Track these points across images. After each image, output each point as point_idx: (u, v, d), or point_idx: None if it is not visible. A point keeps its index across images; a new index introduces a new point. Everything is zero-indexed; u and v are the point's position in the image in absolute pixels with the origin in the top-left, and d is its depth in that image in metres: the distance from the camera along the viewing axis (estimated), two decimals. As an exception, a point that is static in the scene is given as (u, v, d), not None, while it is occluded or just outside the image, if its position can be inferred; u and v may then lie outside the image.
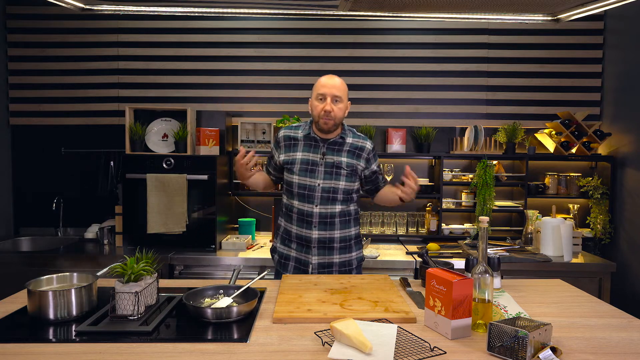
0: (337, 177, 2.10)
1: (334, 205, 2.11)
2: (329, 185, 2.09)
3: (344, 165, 2.11)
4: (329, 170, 2.10)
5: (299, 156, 2.13)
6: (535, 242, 3.02)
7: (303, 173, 2.11)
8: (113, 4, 2.38)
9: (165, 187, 2.90)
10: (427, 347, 1.29)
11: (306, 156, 2.12)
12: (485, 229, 1.47)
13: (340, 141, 2.14)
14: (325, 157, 2.11)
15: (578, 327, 1.49)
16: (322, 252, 2.13)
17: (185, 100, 3.45)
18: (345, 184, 2.11)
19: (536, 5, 2.25)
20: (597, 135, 3.22)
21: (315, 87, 2.10)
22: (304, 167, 2.11)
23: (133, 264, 1.54)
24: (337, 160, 2.11)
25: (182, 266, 2.84)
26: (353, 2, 2.21)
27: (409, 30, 3.43)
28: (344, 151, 2.13)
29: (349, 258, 2.18)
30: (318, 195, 2.09)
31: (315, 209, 2.09)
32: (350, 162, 2.13)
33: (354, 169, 2.13)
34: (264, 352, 1.29)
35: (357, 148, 2.16)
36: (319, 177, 2.09)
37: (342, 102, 2.08)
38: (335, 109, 2.05)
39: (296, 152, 2.14)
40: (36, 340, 1.36)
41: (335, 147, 2.13)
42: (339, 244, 2.15)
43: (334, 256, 2.14)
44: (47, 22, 3.42)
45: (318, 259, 2.12)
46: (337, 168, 2.10)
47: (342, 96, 2.08)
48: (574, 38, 3.41)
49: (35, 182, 3.48)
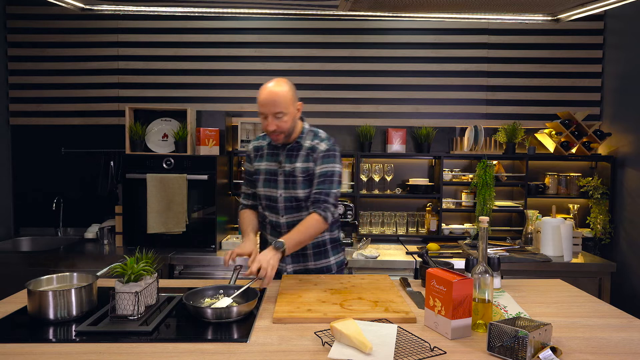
0: (294, 185, 1.99)
1: (300, 213, 2.01)
2: (289, 195, 2.00)
3: (298, 172, 1.98)
4: (287, 179, 2.00)
5: (263, 166, 2.06)
6: (535, 242, 3.02)
7: (266, 184, 2.04)
8: (113, 4, 2.38)
9: (165, 187, 2.90)
10: (427, 347, 1.29)
11: (268, 166, 2.04)
12: (485, 229, 1.47)
13: (296, 146, 2.02)
14: (283, 166, 2.01)
15: (578, 327, 1.49)
16: (295, 259, 2.07)
17: (185, 100, 3.45)
18: (304, 191, 1.99)
19: (536, 5, 2.25)
20: (597, 135, 3.22)
21: (258, 103, 1.93)
22: (267, 177, 2.04)
23: (133, 264, 1.54)
24: (292, 168, 1.99)
25: (182, 266, 2.84)
26: (353, 2, 2.21)
27: (409, 30, 3.43)
28: (300, 156, 2.01)
29: (327, 264, 2.10)
30: (282, 205, 2.01)
31: (282, 219, 2.03)
32: (305, 166, 1.99)
33: (309, 173, 1.99)
34: (264, 352, 1.29)
35: (311, 149, 2.01)
36: (280, 187, 2.01)
37: (286, 114, 1.90)
38: (280, 124, 1.91)
39: (261, 162, 2.07)
40: (36, 340, 1.36)
41: (292, 153, 2.02)
42: (312, 250, 2.06)
43: (308, 263, 2.08)
44: (47, 22, 3.42)
45: (292, 266, 2.07)
46: (293, 176, 1.99)
47: (285, 108, 1.89)
48: (574, 38, 3.41)
49: (35, 182, 3.48)
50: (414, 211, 3.42)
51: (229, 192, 3.27)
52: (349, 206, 3.08)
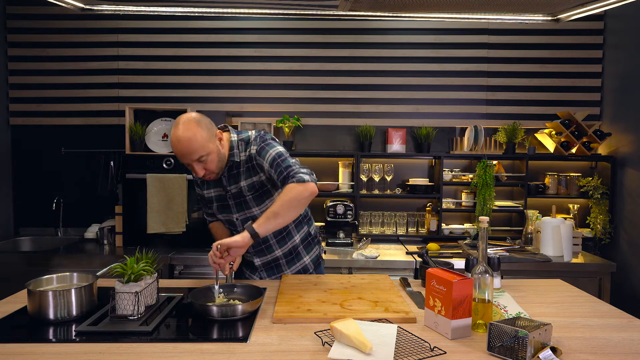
0: (246, 205, 1.90)
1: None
2: (245, 217, 1.92)
3: (245, 191, 1.87)
4: (237, 201, 1.91)
5: (212, 193, 1.97)
6: (535, 242, 3.02)
7: (221, 209, 1.97)
8: (113, 4, 2.38)
9: (165, 187, 2.90)
10: (427, 347, 1.29)
11: (217, 192, 1.95)
12: (485, 229, 1.47)
13: (234, 164, 1.88)
14: (229, 189, 1.90)
15: (578, 327, 1.49)
16: (270, 271, 2.03)
17: (185, 100, 3.45)
18: (258, 208, 1.90)
19: (536, 5, 2.25)
20: (597, 135, 3.22)
21: (174, 151, 1.75)
22: (219, 204, 1.96)
23: (133, 264, 1.54)
24: (237, 188, 1.88)
25: (182, 266, 2.84)
26: (353, 2, 2.21)
27: (409, 30, 3.43)
28: (241, 173, 1.88)
29: (303, 265, 2.04)
30: (240, 230, 1.90)
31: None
32: (250, 183, 1.86)
33: (257, 188, 1.88)
34: (264, 352, 1.29)
35: (248, 160, 1.87)
36: (233, 210, 1.93)
37: (209, 154, 1.74)
38: (207, 166, 1.77)
39: (209, 189, 1.97)
40: (36, 340, 1.36)
41: (232, 173, 1.89)
42: (285, 259, 2.01)
43: (283, 271, 2.03)
44: (47, 22, 3.42)
45: (268, 278, 2.04)
46: (242, 197, 1.89)
47: (204, 149, 1.72)
48: (574, 38, 3.41)
49: (35, 182, 3.48)
50: (414, 211, 3.42)
51: (229, 192, 3.27)
52: (349, 206, 3.08)
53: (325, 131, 3.49)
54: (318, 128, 3.48)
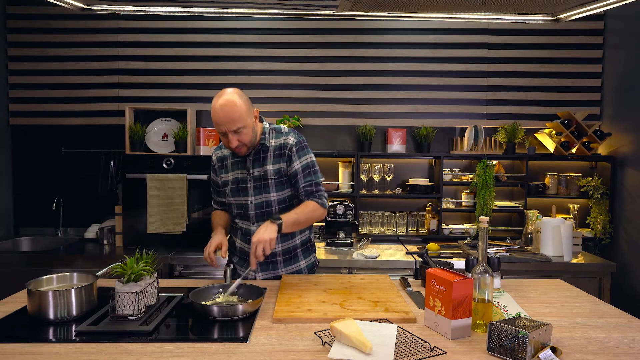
0: (266, 189, 1.95)
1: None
2: (260, 201, 1.96)
3: (270, 175, 1.94)
4: (258, 184, 1.95)
5: (230, 176, 2.01)
6: (535, 242, 3.02)
7: (235, 192, 2.00)
8: (113, 4, 2.38)
9: (165, 187, 2.90)
10: (427, 347, 1.29)
11: (235, 175, 2.00)
12: (485, 229, 1.47)
13: (262, 148, 1.96)
14: (252, 172, 1.96)
15: (578, 327, 1.49)
16: (265, 267, 2.03)
17: (185, 100, 3.45)
18: (277, 194, 1.96)
19: (536, 5, 2.25)
20: (597, 135, 3.22)
21: (214, 122, 1.84)
22: (235, 186, 1.99)
23: (133, 264, 1.55)
24: (263, 171, 1.95)
25: (182, 266, 2.84)
26: (353, 2, 2.21)
27: (409, 30, 3.43)
28: (269, 157, 1.95)
29: (298, 268, 2.06)
30: (252, 213, 1.98)
31: (253, 227, 1.99)
32: (277, 167, 1.94)
33: (282, 174, 1.95)
34: (264, 352, 1.29)
35: (280, 147, 1.95)
36: (250, 193, 1.97)
37: (245, 127, 1.83)
38: (241, 138, 1.85)
39: (228, 172, 2.02)
40: (36, 340, 1.36)
41: (259, 157, 1.96)
42: (282, 257, 2.03)
43: (278, 270, 2.03)
44: (47, 22, 3.42)
45: (262, 274, 2.03)
46: (265, 179, 1.95)
47: (243, 122, 1.82)
48: (574, 38, 3.41)
49: (35, 182, 3.48)
50: (414, 211, 3.42)
51: (229, 192, 3.27)
52: (349, 206, 3.08)
53: (325, 131, 3.49)
54: (318, 128, 3.48)
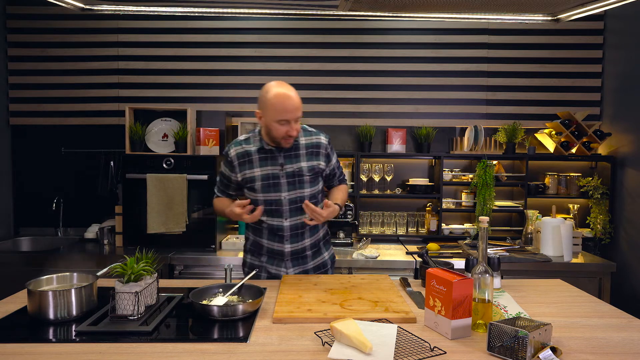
0: (300, 185, 1.99)
1: (303, 215, 2.00)
2: (294, 196, 1.99)
3: (305, 171, 1.99)
4: (291, 180, 1.98)
5: (258, 173, 1.99)
6: (535, 242, 3.02)
7: (266, 189, 1.99)
8: (113, 4, 2.38)
9: (165, 187, 2.90)
10: (427, 347, 1.29)
11: (266, 171, 1.99)
12: (485, 229, 1.47)
13: (295, 145, 2.00)
14: (284, 167, 1.98)
15: (578, 327, 1.49)
16: (295, 262, 2.06)
17: (185, 100, 3.45)
18: (310, 190, 2.01)
19: (536, 5, 2.25)
20: (597, 135, 3.22)
21: (275, 110, 1.86)
22: (266, 182, 1.98)
23: (133, 264, 1.54)
24: (296, 168, 1.98)
25: (182, 266, 2.84)
26: (353, 2, 2.21)
27: (409, 30, 3.43)
28: (302, 155, 2.01)
29: (322, 260, 2.13)
30: (286, 208, 1.99)
31: (286, 223, 2.00)
32: (311, 164, 2.01)
33: (315, 171, 2.02)
34: (264, 352, 1.29)
35: (313, 146, 2.03)
36: (283, 189, 1.98)
37: (300, 117, 1.92)
38: (298, 127, 1.93)
39: (253, 168, 2.00)
40: (36, 340, 1.36)
41: (292, 153, 2.00)
42: (311, 251, 2.08)
43: (308, 264, 2.08)
44: (47, 22, 3.42)
45: (293, 269, 2.06)
46: (299, 176, 1.99)
47: (300, 111, 1.91)
48: (574, 38, 3.41)
49: (35, 182, 3.48)
50: (414, 211, 3.42)
51: (229, 192, 3.27)
52: (349, 206, 3.08)
53: (325, 131, 3.44)
54: (318, 128, 3.47)
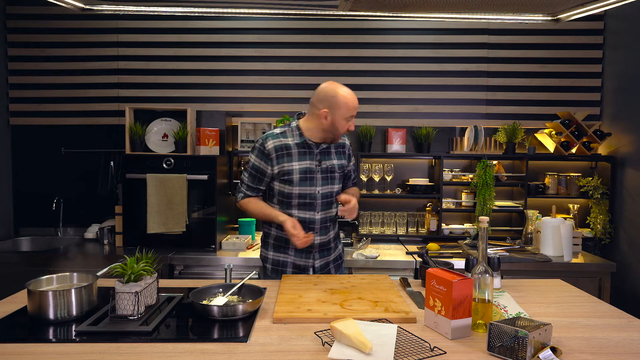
0: (332, 181, 2.11)
1: (331, 209, 2.14)
2: (327, 191, 2.10)
3: (336, 169, 2.12)
4: (325, 175, 2.09)
5: (296, 166, 2.04)
6: (535, 242, 3.02)
7: (303, 182, 2.05)
8: (113, 4, 2.38)
9: (165, 187, 2.90)
10: (427, 347, 1.29)
11: (303, 165, 2.05)
12: (485, 229, 1.47)
13: (328, 143, 2.13)
14: (321, 163, 2.08)
15: (578, 327, 1.49)
16: (322, 254, 2.16)
17: (185, 100, 3.45)
18: (338, 186, 2.15)
19: (536, 5, 2.25)
20: (597, 135, 3.22)
21: (347, 108, 1.98)
22: (303, 176, 2.05)
23: (133, 264, 1.55)
24: (330, 165, 2.10)
25: (182, 266, 2.84)
26: (353, 2, 2.21)
27: (409, 30, 3.43)
28: (332, 153, 2.13)
29: (339, 253, 2.27)
30: (319, 202, 2.08)
31: (317, 216, 2.09)
32: (340, 163, 2.15)
33: (343, 169, 2.17)
34: (264, 352, 1.29)
35: (340, 146, 2.17)
36: (318, 184, 2.07)
37: None
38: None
39: (292, 161, 2.04)
40: (36, 340, 1.36)
41: (325, 151, 2.11)
42: (333, 243, 2.22)
43: (330, 255, 2.20)
44: (47, 22, 3.42)
45: (320, 261, 2.15)
46: (331, 172, 2.11)
47: None
48: (574, 38, 3.41)
49: (35, 182, 3.48)
50: (414, 211, 3.42)
51: (229, 192, 3.27)
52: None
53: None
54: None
